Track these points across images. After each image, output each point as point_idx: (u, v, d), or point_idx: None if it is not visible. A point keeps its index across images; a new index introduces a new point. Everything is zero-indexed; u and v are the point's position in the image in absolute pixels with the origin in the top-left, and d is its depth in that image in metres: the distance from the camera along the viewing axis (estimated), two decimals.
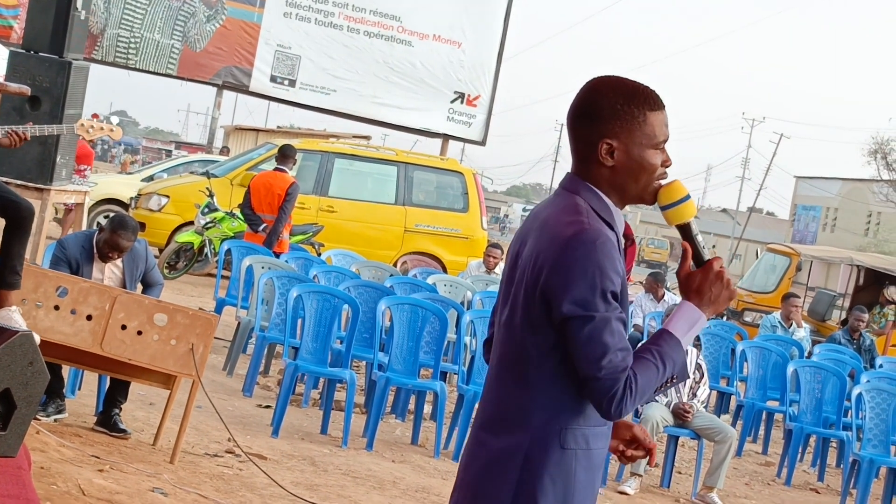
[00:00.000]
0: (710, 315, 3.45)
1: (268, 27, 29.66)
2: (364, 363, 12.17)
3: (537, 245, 3.38)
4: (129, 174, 29.52)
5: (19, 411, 4.88)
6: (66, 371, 8.86)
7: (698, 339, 14.26)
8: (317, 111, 30.97)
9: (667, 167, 3.46)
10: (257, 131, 41.61)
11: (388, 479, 8.91)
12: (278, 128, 46.48)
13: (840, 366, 13.35)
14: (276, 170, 15.61)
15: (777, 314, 16.87)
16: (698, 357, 10.77)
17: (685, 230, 3.47)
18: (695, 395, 10.57)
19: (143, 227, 17.02)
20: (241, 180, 19.17)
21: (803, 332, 16.60)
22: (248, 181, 16.34)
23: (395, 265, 19.54)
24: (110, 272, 8.84)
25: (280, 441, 9.51)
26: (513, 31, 30.60)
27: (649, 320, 15.25)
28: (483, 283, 15.41)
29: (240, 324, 12.30)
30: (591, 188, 3.42)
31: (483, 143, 30.67)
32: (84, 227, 13.46)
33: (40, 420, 8.06)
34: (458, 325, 11.49)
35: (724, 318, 21.48)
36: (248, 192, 15.54)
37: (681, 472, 11.42)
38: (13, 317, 7.27)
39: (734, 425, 13.11)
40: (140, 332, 7.86)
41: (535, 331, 3.36)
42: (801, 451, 12.44)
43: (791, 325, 16.46)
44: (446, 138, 30.45)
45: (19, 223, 7.42)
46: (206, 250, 18.16)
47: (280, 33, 29.70)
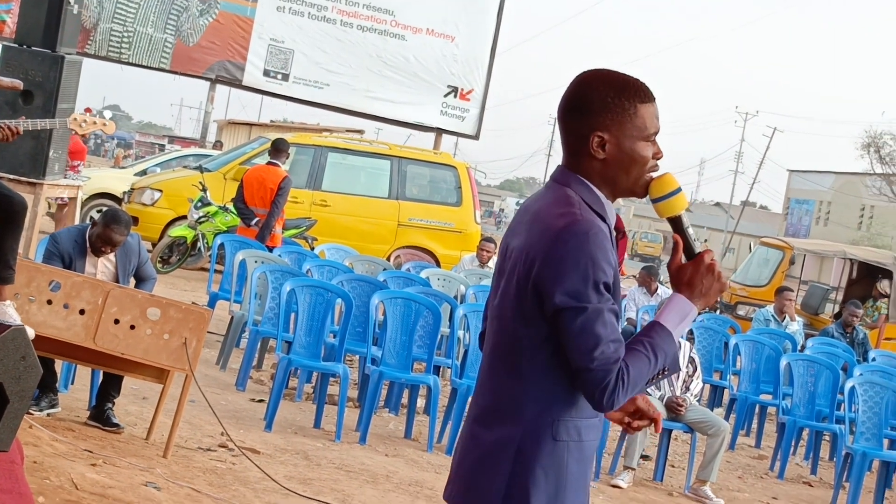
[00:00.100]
0: (702, 307, 3.45)
1: (261, 21, 29.61)
2: (357, 357, 12.17)
3: (529, 237, 3.38)
4: (122, 168, 29.49)
5: (12, 406, 4.89)
6: (59, 365, 8.85)
7: (691, 332, 14.23)
8: (310, 105, 30.93)
9: (658, 159, 3.47)
10: (250, 125, 41.57)
11: (381, 473, 8.91)
12: (271, 122, 46.48)
13: (833, 359, 13.36)
14: (269, 164, 15.59)
15: (770, 308, 16.88)
16: (691, 351, 10.78)
17: (676, 223, 3.48)
18: (688, 389, 10.58)
19: (135, 221, 17.07)
20: (234, 174, 19.15)
21: (797, 326, 16.61)
22: (241, 175, 16.34)
23: (389, 259, 19.55)
24: (103, 266, 8.84)
25: (273, 435, 9.51)
26: (506, 26, 30.62)
27: (642, 314, 15.25)
28: (476, 277, 15.40)
29: (233, 318, 12.29)
30: (582, 181, 3.43)
31: (476, 137, 30.64)
32: (77, 222, 13.44)
33: (33, 414, 8.05)
34: (451, 319, 11.48)
35: (718, 312, 21.50)
36: (240, 187, 15.53)
37: (674, 466, 11.43)
38: (7, 311, 7.27)
39: (727, 419, 13.13)
40: (133, 327, 7.85)
41: (528, 323, 3.36)
42: (794, 444, 12.45)
43: (784, 318, 16.48)
44: (440, 132, 30.43)
45: (12, 217, 7.41)
46: (200, 244, 18.14)
47: (273, 27, 29.65)
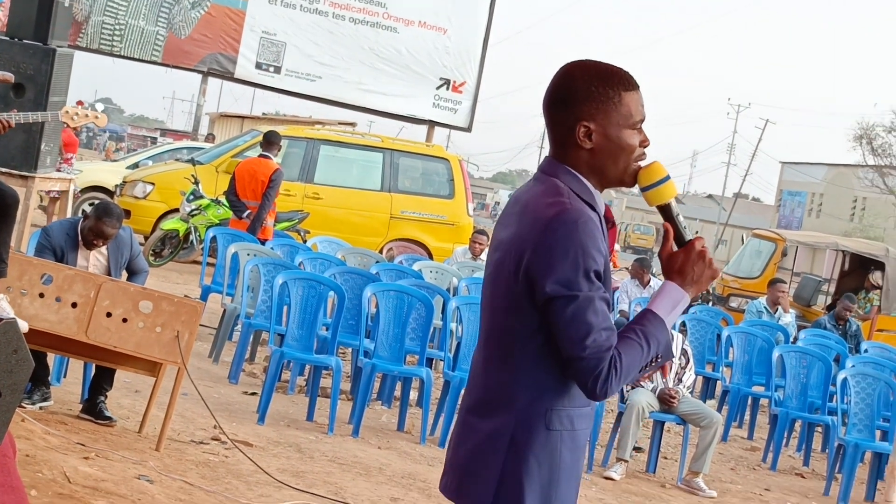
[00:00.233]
0: (693, 294, 3.46)
1: (253, 14, 29.59)
2: (350, 350, 12.16)
3: (519, 228, 3.39)
4: (114, 161, 29.46)
5: (4, 399, 4.87)
6: (52, 359, 8.84)
7: (684, 324, 14.27)
8: (302, 98, 30.92)
9: (645, 147, 3.47)
10: (242, 118, 41.53)
11: (374, 466, 8.91)
12: (264, 115, 46.38)
13: (825, 351, 13.38)
14: (261, 156, 15.58)
15: (762, 299, 16.91)
16: (684, 342, 10.78)
17: (666, 211, 3.48)
18: (680, 381, 10.59)
19: (128, 214, 17.04)
20: (226, 167, 19.16)
21: (789, 318, 16.64)
22: (234, 168, 16.33)
23: (381, 252, 19.55)
24: (95, 260, 8.83)
25: (266, 428, 9.51)
26: (498, 18, 30.68)
27: (635, 306, 15.26)
28: (469, 270, 15.41)
29: (225, 311, 12.28)
30: (570, 171, 3.43)
31: (469, 129, 30.65)
32: (69, 215, 13.42)
33: (25, 408, 8.04)
34: (443, 311, 11.48)
35: (710, 304, 21.53)
36: (232, 179, 15.52)
37: (666, 458, 11.44)
38: (0, 304, 7.26)
39: (720, 410, 13.14)
40: (125, 320, 7.84)
41: (519, 313, 3.37)
42: (786, 435, 12.47)
43: (777, 310, 16.50)
44: (432, 125, 30.43)
45: (4, 211, 7.41)
46: (192, 237, 18.13)
47: (265, 20, 29.63)
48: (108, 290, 7.85)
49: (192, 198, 18.10)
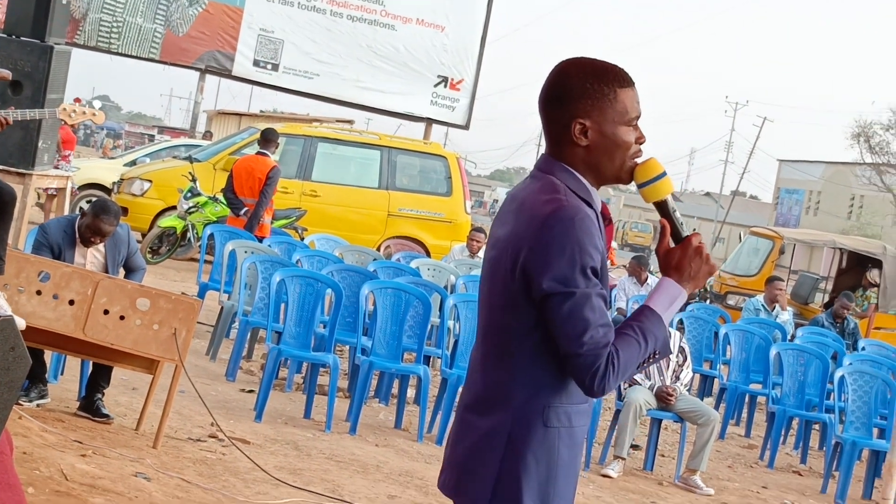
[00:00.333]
0: (691, 290, 3.46)
1: (251, 11, 29.57)
2: (347, 347, 12.16)
3: (516, 225, 3.39)
4: (112, 159, 29.44)
5: (1, 397, 4.87)
6: (49, 356, 8.84)
7: (682, 322, 14.28)
8: (300, 95, 30.92)
9: (641, 144, 3.48)
10: (240, 115, 41.53)
11: (371, 464, 8.91)
12: (261, 112, 46.47)
13: (823, 348, 13.38)
14: (258, 154, 15.59)
15: (760, 297, 16.91)
16: (681, 340, 10.78)
17: (662, 207, 3.48)
18: (678, 379, 10.59)
19: (125, 211, 17.05)
20: (223, 165, 19.15)
21: (787, 316, 16.64)
22: (231, 166, 16.33)
23: (379, 249, 19.54)
24: (92, 257, 8.82)
25: (263, 425, 9.51)
26: (496, 15, 30.66)
27: (633, 304, 15.26)
28: (466, 267, 15.40)
29: (223, 308, 12.28)
30: (566, 168, 3.44)
31: (466, 127, 30.65)
32: (66, 212, 13.42)
33: (23, 405, 8.04)
34: (441, 309, 11.48)
35: (708, 302, 21.53)
36: (230, 177, 15.54)
37: (664, 455, 11.44)
38: None
39: (717, 408, 13.15)
40: (122, 317, 7.84)
41: (516, 310, 3.37)
42: (783, 433, 12.47)
43: (774, 308, 16.50)
44: (430, 122, 30.43)
45: (1, 208, 7.41)
46: (189, 235, 18.12)
47: (263, 17, 29.62)
48: (105, 288, 7.85)
49: (189, 195, 18.09)
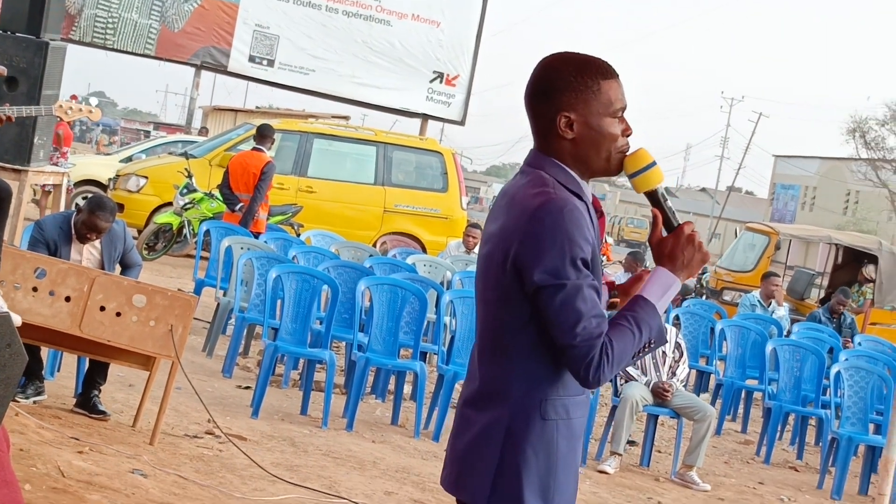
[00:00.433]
0: (684, 279, 3.46)
1: (246, 7, 29.57)
2: (344, 344, 12.16)
3: (506, 220, 3.41)
4: (107, 155, 29.42)
5: None
6: (45, 353, 8.83)
7: (678, 318, 14.28)
8: (295, 91, 30.93)
9: (628, 136, 3.49)
10: (236, 112, 41.46)
11: (368, 460, 8.91)
12: (257, 108, 46.33)
13: (819, 344, 13.39)
14: (254, 149, 15.62)
15: (756, 293, 16.92)
16: (678, 336, 10.79)
17: (653, 197, 3.49)
18: (674, 374, 10.59)
19: (121, 208, 17.02)
20: (219, 161, 19.13)
21: (783, 311, 16.65)
22: (227, 162, 16.33)
23: (375, 245, 19.54)
24: (88, 253, 8.81)
25: (260, 422, 9.51)
26: (491, 11, 30.63)
27: None
28: (462, 263, 15.41)
29: (219, 305, 12.27)
30: (555, 162, 3.45)
31: (462, 122, 30.66)
32: (62, 209, 13.41)
33: (19, 402, 8.04)
34: (437, 305, 11.48)
35: (704, 298, 21.54)
36: (226, 173, 15.59)
37: (660, 451, 11.44)
38: None
39: (713, 404, 13.14)
40: (119, 314, 7.83)
41: (510, 304, 3.38)
42: (779, 429, 12.47)
43: (770, 303, 16.51)
44: (425, 118, 30.44)
45: None
46: (185, 231, 18.12)
47: (258, 13, 29.61)
48: (101, 284, 7.84)
49: (185, 191, 18.09)
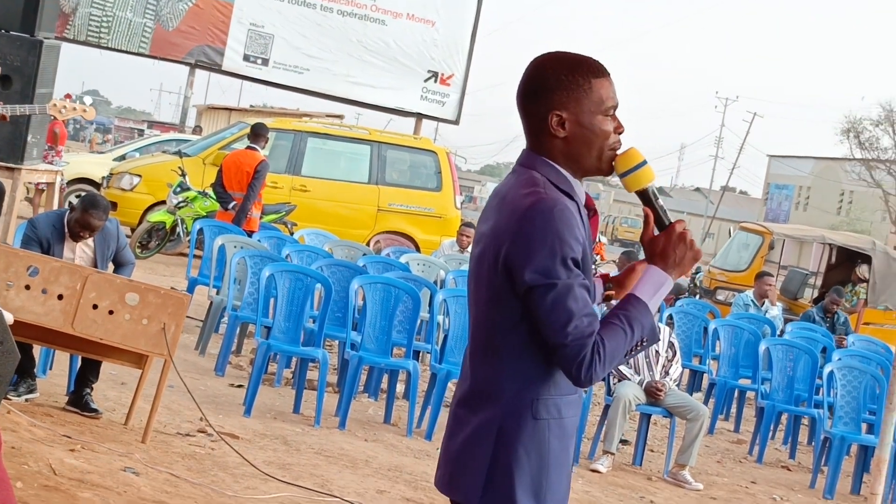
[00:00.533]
0: (676, 277, 3.46)
1: (240, 6, 29.52)
2: (337, 342, 12.15)
3: (497, 220, 3.42)
4: (101, 153, 29.39)
5: None
6: (38, 351, 8.83)
7: (671, 317, 14.29)
8: (290, 90, 30.88)
9: (619, 134, 3.50)
10: (230, 110, 41.49)
11: (360, 458, 8.91)
12: (251, 107, 46.36)
13: (812, 344, 13.40)
14: (248, 148, 15.62)
15: (749, 292, 16.92)
16: (671, 335, 10.80)
17: (644, 196, 3.50)
18: (667, 374, 10.60)
19: (114, 206, 17.02)
20: (213, 159, 19.14)
21: (776, 311, 16.65)
22: (221, 160, 16.34)
23: (368, 244, 19.55)
24: (81, 252, 8.81)
25: (252, 420, 9.51)
26: (486, 10, 30.64)
27: None
28: (456, 262, 15.41)
29: (212, 303, 12.28)
30: (547, 162, 3.46)
31: (457, 122, 30.63)
32: (55, 207, 13.40)
33: (11, 400, 8.03)
34: (431, 304, 11.48)
35: (697, 297, 21.56)
36: (220, 171, 15.58)
37: (653, 450, 11.46)
38: None
39: (706, 403, 13.17)
40: (111, 312, 7.83)
41: (502, 304, 3.39)
42: (772, 428, 12.49)
43: (764, 303, 16.52)
44: (420, 117, 30.41)
45: None
46: (179, 230, 18.11)
47: (253, 12, 29.57)
48: (94, 282, 7.83)
49: (179, 190, 18.08)
